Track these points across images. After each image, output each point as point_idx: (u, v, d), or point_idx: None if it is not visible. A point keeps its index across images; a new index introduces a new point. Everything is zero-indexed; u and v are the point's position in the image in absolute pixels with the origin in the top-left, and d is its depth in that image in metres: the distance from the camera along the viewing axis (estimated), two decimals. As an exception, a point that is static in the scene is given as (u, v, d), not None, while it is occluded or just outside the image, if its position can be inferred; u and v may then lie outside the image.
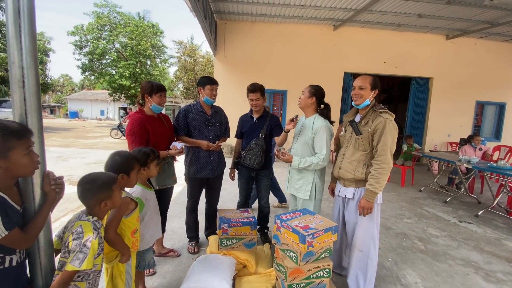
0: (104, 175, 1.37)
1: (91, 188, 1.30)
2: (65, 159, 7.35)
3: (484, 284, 2.42)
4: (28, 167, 1.10)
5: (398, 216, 3.97)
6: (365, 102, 1.98)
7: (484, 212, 4.18)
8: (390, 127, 1.86)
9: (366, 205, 1.90)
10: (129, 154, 1.67)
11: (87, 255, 1.17)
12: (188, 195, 2.71)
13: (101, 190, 1.31)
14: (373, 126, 1.90)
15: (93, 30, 20.37)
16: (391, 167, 1.87)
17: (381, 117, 1.90)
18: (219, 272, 1.93)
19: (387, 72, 8.35)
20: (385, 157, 1.85)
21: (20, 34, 1.10)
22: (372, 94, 1.97)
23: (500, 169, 4.06)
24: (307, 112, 2.35)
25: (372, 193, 1.87)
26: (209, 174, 2.61)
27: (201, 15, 5.54)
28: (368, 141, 1.93)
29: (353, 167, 2.00)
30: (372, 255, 2.01)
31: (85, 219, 1.27)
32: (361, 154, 1.97)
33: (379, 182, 1.85)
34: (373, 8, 6.50)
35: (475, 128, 9.00)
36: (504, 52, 8.62)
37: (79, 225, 1.24)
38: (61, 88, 47.30)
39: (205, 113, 2.60)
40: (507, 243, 3.26)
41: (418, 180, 6.26)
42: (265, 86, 2.74)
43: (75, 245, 1.18)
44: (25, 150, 1.07)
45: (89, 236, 1.21)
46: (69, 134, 14.47)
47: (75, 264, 1.16)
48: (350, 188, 2.05)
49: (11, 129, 1.03)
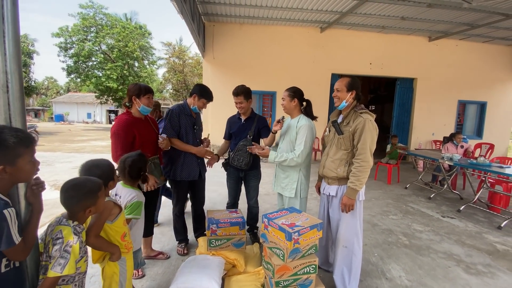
0: (90, 182, 1.33)
1: (76, 195, 1.27)
2: (50, 163, 7.19)
3: (465, 276, 2.53)
4: (30, 174, 1.14)
5: (384, 213, 4.09)
6: (342, 104, 2.07)
7: (465, 207, 4.34)
8: (370, 127, 1.93)
9: (347, 202, 1.97)
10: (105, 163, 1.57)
11: (68, 260, 1.17)
12: (175, 199, 2.68)
13: (86, 197, 1.28)
14: (354, 126, 1.97)
15: (79, 32, 20.02)
16: (371, 165, 1.94)
17: (361, 117, 1.96)
18: (208, 272, 1.96)
19: (373, 73, 8.55)
20: (365, 155, 1.92)
21: (4, 39, 1.11)
22: (349, 95, 2.04)
23: (480, 166, 4.23)
24: (292, 114, 2.44)
25: (353, 191, 1.94)
26: (196, 176, 2.62)
27: (188, 17, 5.55)
28: (349, 140, 2.00)
29: (335, 166, 2.07)
30: (356, 250, 2.08)
31: (65, 223, 1.26)
32: (343, 153, 2.04)
33: (360, 179, 1.92)
34: (358, 10, 6.65)
35: (458, 127, 9.31)
36: (484, 53, 8.96)
37: (59, 230, 1.23)
38: (46, 91, 46.09)
39: (192, 117, 2.61)
40: (487, 236, 3.40)
41: (404, 177, 6.44)
42: (254, 88, 2.81)
43: (56, 251, 1.18)
44: (31, 157, 1.11)
45: (69, 241, 1.20)
46: (55, 138, 14.13)
47: (57, 270, 1.15)
48: (334, 186, 2.11)
49: (20, 137, 1.06)
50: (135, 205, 1.79)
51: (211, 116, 7.76)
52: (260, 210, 3.05)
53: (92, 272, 2.30)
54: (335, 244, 2.16)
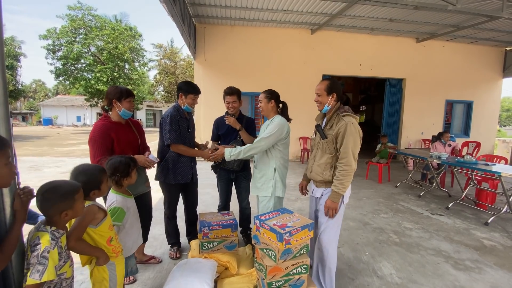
0: (66, 184, 1.29)
1: (51, 198, 1.23)
2: (38, 168, 7.03)
3: (453, 271, 2.59)
4: (7, 178, 1.10)
5: (376, 212, 4.14)
6: (325, 108, 2.04)
7: (454, 204, 4.44)
8: (351, 130, 1.89)
9: (331, 205, 1.95)
10: (94, 169, 1.56)
11: (46, 266, 1.14)
12: (167, 203, 2.66)
13: (61, 200, 1.24)
14: (336, 129, 1.95)
15: (67, 34, 19.69)
16: (353, 168, 1.92)
17: (343, 120, 1.93)
18: (200, 275, 1.95)
19: (363, 74, 8.67)
20: (347, 159, 1.89)
21: (-15, 43, 1.09)
22: (331, 98, 2.00)
23: (467, 164, 4.34)
24: (269, 115, 2.47)
25: (336, 194, 1.93)
26: (189, 178, 2.60)
27: (179, 19, 5.52)
28: (332, 144, 1.98)
29: (321, 170, 2.06)
30: (333, 253, 2.06)
31: (43, 229, 1.23)
32: (327, 157, 2.02)
33: (343, 183, 1.90)
34: (347, 13, 6.75)
35: (446, 126, 9.52)
36: (470, 54, 9.21)
37: (37, 236, 1.20)
38: (34, 94, 45.09)
39: (186, 119, 2.59)
40: (475, 233, 3.49)
41: (395, 176, 6.54)
42: (246, 89, 2.84)
43: (33, 257, 1.15)
44: (6, 160, 1.07)
45: (46, 247, 1.17)
46: (43, 142, 13.83)
47: (35, 277, 1.13)
48: (321, 188, 2.11)
49: None
50: (113, 211, 1.75)
51: (203, 117, 7.73)
52: (252, 211, 3.06)
53: (81, 279, 2.27)
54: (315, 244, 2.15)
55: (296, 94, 8.02)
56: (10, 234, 1.14)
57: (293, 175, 6.41)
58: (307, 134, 8.16)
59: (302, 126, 7.73)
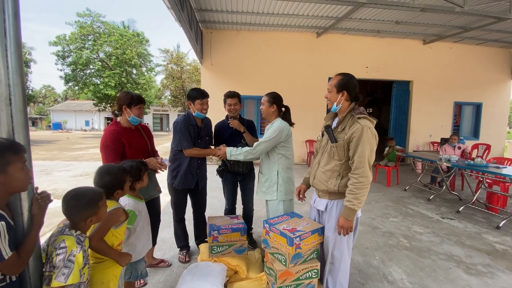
0: (91, 191, 1.34)
1: (76, 205, 1.28)
2: (49, 172, 7.17)
3: (465, 276, 2.54)
4: (24, 182, 1.12)
5: (384, 216, 4.10)
6: (333, 107, 1.80)
7: (464, 208, 4.37)
8: (369, 136, 1.63)
9: (345, 225, 1.67)
10: (117, 169, 1.63)
11: (72, 269, 1.18)
12: (173, 206, 2.72)
13: (87, 207, 1.29)
14: (349, 134, 1.68)
15: (76, 40, 20.11)
16: (370, 180, 1.66)
17: (358, 124, 1.66)
18: (210, 279, 1.96)
19: (369, 76, 8.63)
20: (363, 169, 1.63)
21: (6, 53, 1.13)
22: (340, 96, 1.75)
23: (477, 166, 4.27)
24: (270, 119, 2.46)
25: (351, 211, 1.65)
26: (192, 185, 2.62)
27: (186, 25, 5.60)
28: (343, 150, 1.71)
29: (326, 178, 1.80)
30: (342, 267, 1.87)
31: (68, 233, 1.26)
32: (335, 164, 1.75)
33: (358, 198, 1.63)
34: (353, 16, 6.75)
35: (455, 128, 9.39)
36: (478, 55, 9.09)
37: (62, 240, 1.23)
38: (43, 99, 46.07)
39: (197, 126, 2.60)
40: (487, 237, 3.42)
41: (403, 179, 6.47)
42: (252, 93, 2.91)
43: (59, 261, 1.18)
44: (22, 164, 1.10)
45: (73, 250, 1.21)
46: (53, 147, 14.09)
47: (61, 279, 1.16)
48: (324, 200, 1.86)
49: (7, 144, 1.06)
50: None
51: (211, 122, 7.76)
52: (260, 215, 3.06)
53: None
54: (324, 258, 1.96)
55: (302, 97, 8.03)
56: (28, 238, 1.17)
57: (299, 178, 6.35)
58: (313, 137, 8.14)
59: (308, 129, 7.73)
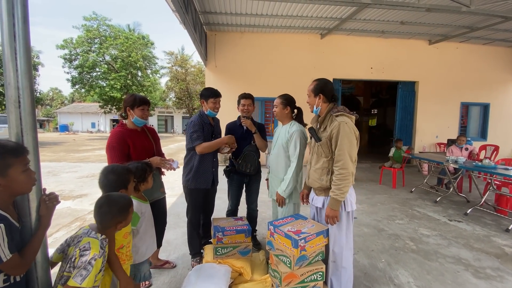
0: (123, 198, 1.42)
1: (110, 211, 1.35)
2: (56, 173, 7.26)
3: (474, 280, 2.49)
4: (26, 184, 1.13)
5: (390, 218, 4.05)
6: (314, 109, 1.96)
7: (472, 210, 4.29)
8: (345, 130, 1.77)
9: (330, 214, 1.82)
10: (122, 169, 1.65)
11: (89, 272, 1.19)
12: (190, 208, 2.61)
13: (119, 214, 1.37)
14: (329, 131, 1.83)
15: (83, 43, 20.41)
16: (350, 171, 1.78)
17: (336, 121, 1.81)
18: (215, 281, 1.95)
19: (374, 77, 8.58)
20: (343, 162, 1.77)
21: (15, 56, 1.15)
22: (318, 99, 1.92)
23: (485, 168, 4.20)
24: (284, 121, 2.49)
25: (335, 201, 1.79)
26: (209, 185, 2.60)
27: (191, 27, 5.65)
28: (327, 147, 1.86)
29: (318, 175, 1.93)
30: (345, 264, 1.94)
31: (94, 236, 1.29)
32: (323, 161, 1.90)
33: (340, 188, 1.76)
34: (357, 16, 6.73)
35: (462, 129, 9.26)
36: (484, 54, 8.98)
37: (87, 242, 1.26)
38: (51, 101, 46.75)
39: (210, 125, 2.64)
40: (496, 240, 3.36)
41: (409, 181, 6.39)
42: (257, 95, 2.92)
43: (80, 262, 1.20)
44: (23, 167, 1.10)
45: (95, 254, 1.22)
46: (60, 148, 14.27)
47: (77, 280, 1.17)
48: (321, 197, 1.98)
49: (8, 147, 1.06)
50: None
51: (214, 123, 7.80)
52: (264, 216, 3.06)
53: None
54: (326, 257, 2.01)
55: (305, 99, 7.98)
56: (34, 239, 1.18)
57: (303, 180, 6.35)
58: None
59: (313, 131, 7.69)
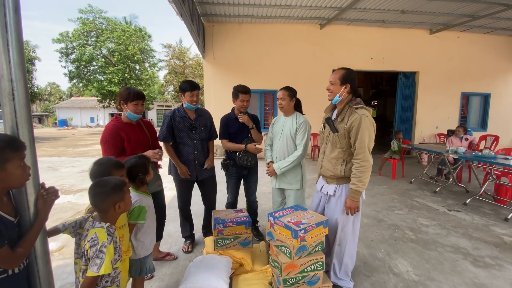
0: (114, 178, 1.41)
1: (103, 191, 1.34)
2: (56, 168, 7.26)
3: (472, 269, 2.52)
4: (21, 179, 1.12)
5: (390, 208, 4.07)
6: (335, 98, 1.96)
7: (472, 200, 4.31)
8: (366, 123, 1.82)
9: (351, 205, 1.90)
10: (107, 160, 1.65)
11: (103, 260, 1.23)
12: (177, 196, 2.81)
13: (114, 192, 1.35)
14: (349, 123, 1.87)
15: (79, 37, 20.12)
16: (371, 163, 1.86)
17: (356, 114, 1.85)
18: (216, 271, 1.97)
19: (374, 68, 8.50)
20: (364, 155, 1.83)
21: (8, 48, 1.12)
22: (343, 89, 1.92)
23: (485, 158, 4.20)
24: (288, 113, 2.58)
25: (356, 192, 1.87)
26: (194, 176, 2.67)
27: (188, 18, 5.55)
28: (344, 138, 1.91)
29: (332, 165, 2.00)
30: (350, 248, 2.07)
31: (99, 226, 1.32)
32: (339, 152, 1.96)
33: (362, 180, 1.84)
34: (357, 5, 6.61)
35: (462, 119, 9.23)
36: (486, 44, 8.87)
37: (94, 233, 1.29)
38: (49, 96, 46.47)
39: (188, 118, 2.63)
40: (494, 229, 3.38)
41: (409, 172, 6.40)
42: (256, 87, 2.91)
43: (92, 252, 1.24)
44: (20, 162, 1.09)
45: (104, 242, 1.26)
46: (59, 143, 14.25)
47: (94, 269, 1.21)
48: (332, 185, 2.05)
49: (7, 141, 1.06)
50: (137, 210, 1.77)
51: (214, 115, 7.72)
52: (265, 208, 3.07)
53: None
54: (331, 242, 2.14)
55: (305, 90, 7.85)
56: (29, 232, 1.17)
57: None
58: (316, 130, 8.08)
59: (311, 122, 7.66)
